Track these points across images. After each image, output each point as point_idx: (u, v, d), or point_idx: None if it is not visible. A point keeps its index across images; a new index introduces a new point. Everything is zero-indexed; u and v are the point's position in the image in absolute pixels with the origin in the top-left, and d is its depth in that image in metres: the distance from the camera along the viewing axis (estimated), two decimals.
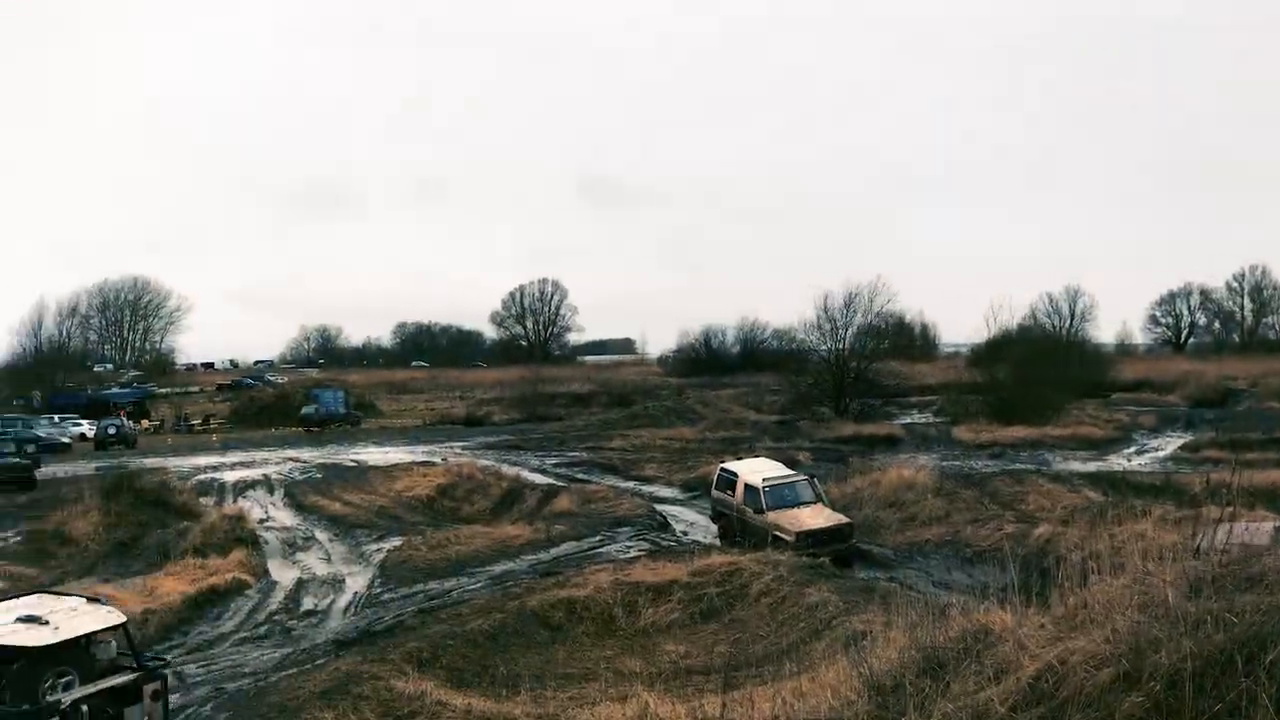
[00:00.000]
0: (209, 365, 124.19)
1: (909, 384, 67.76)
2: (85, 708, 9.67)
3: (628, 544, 22.90)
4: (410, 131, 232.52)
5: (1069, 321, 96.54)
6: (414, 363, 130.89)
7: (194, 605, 18.41)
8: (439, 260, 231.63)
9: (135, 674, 10.48)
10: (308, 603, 19.25)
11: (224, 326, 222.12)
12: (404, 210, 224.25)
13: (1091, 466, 35.51)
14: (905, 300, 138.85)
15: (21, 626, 9.86)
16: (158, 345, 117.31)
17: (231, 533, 23.81)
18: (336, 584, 20.68)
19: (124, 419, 57.71)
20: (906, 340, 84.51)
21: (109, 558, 23.56)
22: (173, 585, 19.41)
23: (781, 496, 21.76)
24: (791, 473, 23.63)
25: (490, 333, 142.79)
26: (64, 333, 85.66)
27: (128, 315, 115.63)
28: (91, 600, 11.22)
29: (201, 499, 30.36)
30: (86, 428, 56.68)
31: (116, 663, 10.65)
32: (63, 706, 9.58)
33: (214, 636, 17.09)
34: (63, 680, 9.95)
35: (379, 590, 19.92)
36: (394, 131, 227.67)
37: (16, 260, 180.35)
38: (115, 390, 77.77)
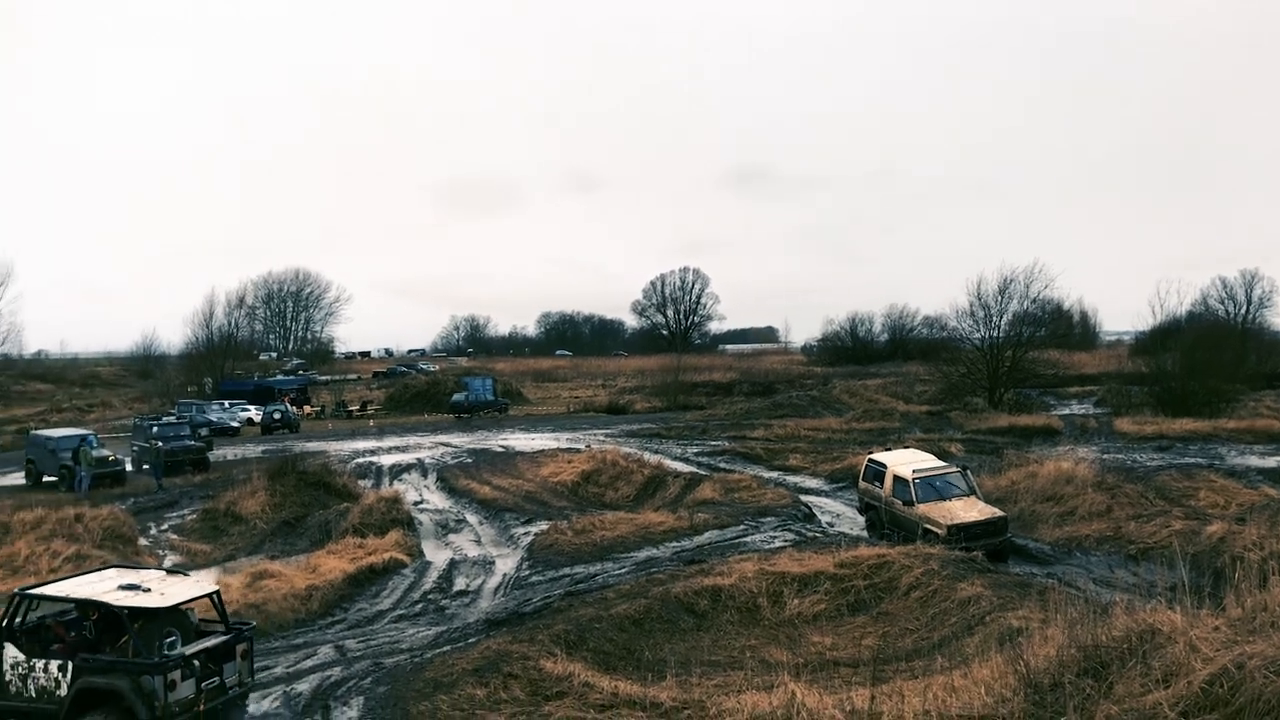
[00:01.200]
0: (365, 354, 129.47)
1: (1067, 373, 64.98)
2: (196, 662, 11.03)
3: (772, 534, 22.72)
4: (565, 126, 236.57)
5: (1245, 308, 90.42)
6: (558, 351, 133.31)
7: (354, 583, 19.18)
8: (583, 251, 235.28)
9: (227, 635, 11.69)
10: (460, 583, 19.81)
11: (379, 316, 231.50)
12: (553, 203, 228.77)
13: (1271, 462, 33.26)
14: (1064, 286, 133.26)
15: (129, 593, 11.20)
16: (318, 334, 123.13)
17: (388, 514, 24.71)
18: (486, 565, 21.22)
19: (288, 405, 60.73)
20: (1065, 328, 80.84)
21: (275, 535, 24.82)
22: (334, 563, 20.28)
23: (932, 488, 21.17)
24: (943, 464, 22.98)
25: (631, 322, 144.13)
26: (232, 323, 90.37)
27: (290, 306, 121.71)
28: (171, 572, 12.65)
29: (360, 481, 31.68)
30: (254, 413, 59.87)
31: (200, 627, 12.05)
32: (185, 658, 10.94)
33: (372, 613, 17.76)
34: (168, 640, 11.24)
35: (527, 572, 20.35)
36: (549, 126, 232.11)
37: (192, 255, 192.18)
38: (279, 378, 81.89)
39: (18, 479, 35.80)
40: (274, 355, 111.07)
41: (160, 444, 35.54)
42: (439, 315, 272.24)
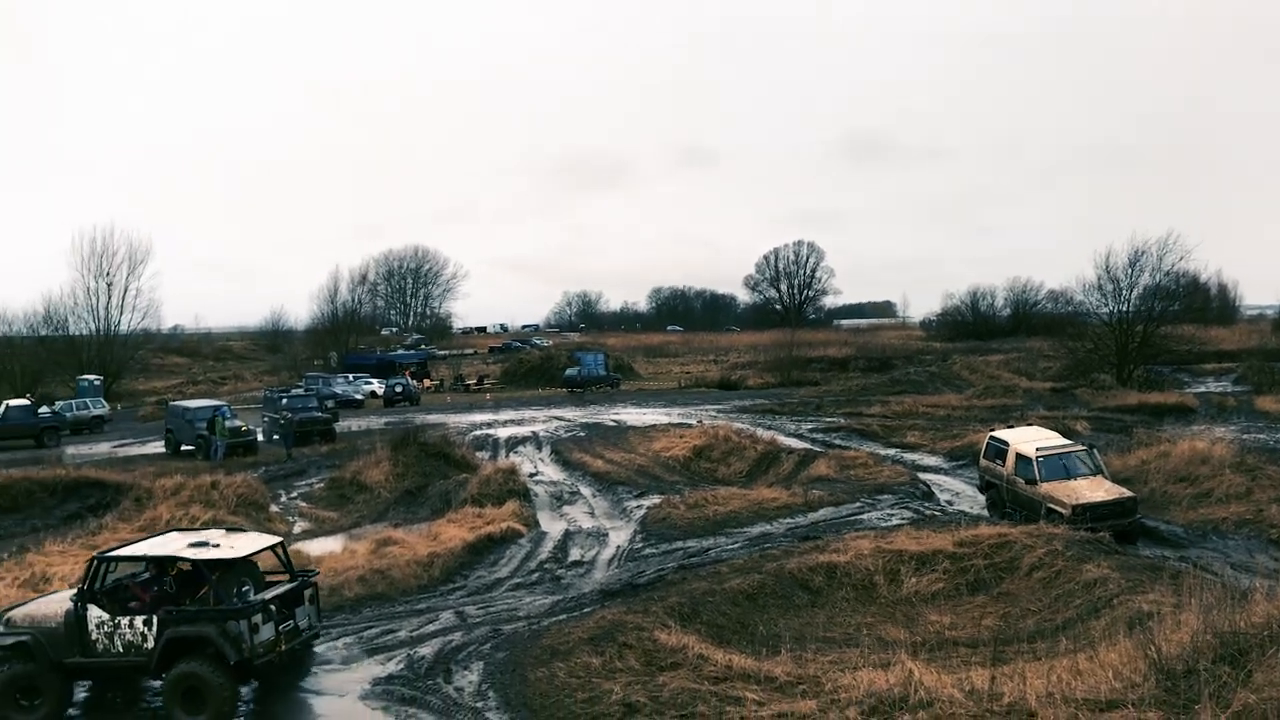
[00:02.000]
0: (481, 329, 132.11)
1: (1203, 349, 62.03)
2: (273, 606, 11.97)
3: (889, 511, 22.38)
4: (677, 98, 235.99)
5: None
6: (669, 326, 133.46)
7: (473, 551, 19.64)
8: (695, 225, 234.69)
9: (295, 583, 12.75)
10: (574, 553, 20.10)
11: (494, 292, 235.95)
12: (666, 177, 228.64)
13: None
14: (1201, 258, 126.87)
15: (201, 549, 12.25)
16: (437, 310, 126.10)
17: (505, 485, 25.20)
18: (600, 537, 21.47)
19: (408, 378, 62.45)
20: (1201, 301, 77.01)
21: (398, 504, 25.60)
22: (454, 532, 20.81)
23: (1057, 467, 20.49)
24: (1068, 442, 22.21)
25: (744, 296, 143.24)
26: (356, 299, 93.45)
27: (410, 282, 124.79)
28: (231, 530, 13.75)
29: (477, 453, 32.37)
30: (376, 386, 61.79)
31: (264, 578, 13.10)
32: (264, 602, 11.94)
33: (491, 581, 18.18)
34: (244, 589, 12.42)
35: (640, 545, 20.51)
36: (661, 99, 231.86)
37: (319, 234, 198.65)
38: (400, 352, 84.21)
39: (158, 447, 37.76)
40: (395, 330, 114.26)
41: (290, 415, 37.00)
42: (552, 291, 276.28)
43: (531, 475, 28.82)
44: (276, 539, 13.54)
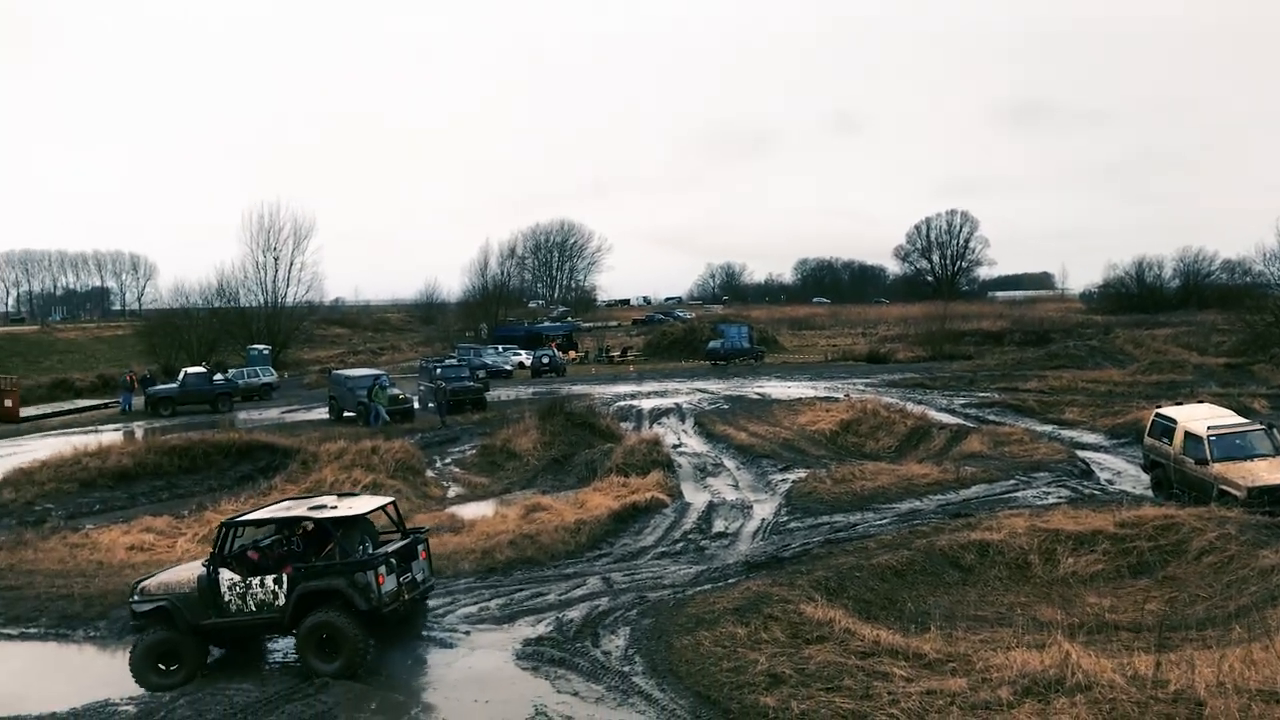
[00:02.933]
0: (625, 301, 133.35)
1: None
2: (393, 560, 12.71)
3: (1045, 490, 21.58)
4: (825, 65, 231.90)
5: None
6: (815, 299, 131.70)
7: (618, 519, 19.92)
8: (843, 195, 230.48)
9: (408, 539, 13.52)
10: (718, 525, 20.16)
11: (638, 265, 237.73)
12: (813, 146, 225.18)
13: None
14: None
15: (322, 510, 13.22)
16: (582, 283, 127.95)
17: (649, 455, 25.42)
18: (744, 509, 21.45)
19: (555, 350, 63.69)
20: None
21: (545, 472, 26.20)
22: (599, 500, 21.16)
23: (1231, 447, 19.29)
24: (1243, 421, 20.89)
25: (893, 268, 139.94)
26: (504, 272, 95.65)
27: (556, 256, 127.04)
28: (343, 495, 14.70)
29: (621, 424, 32.75)
30: (524, 357, 63.25)
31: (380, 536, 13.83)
32: (386, 555, 12.73)
33: (636, 549, 18.42)
34: (363, 545, 13.14)
35: (785, 519, 20.40)
36: (809, 67, 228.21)
37: (470, 208, 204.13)
38: (547, 324, 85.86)
39: (322, 414, 39.68)
40: (541, 303, 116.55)
41: (444, 384, 38.26)
42: (695, 263, 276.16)
43: (675, 447, 28.99)
44: (389, 499, 14.35)
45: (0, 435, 37.18)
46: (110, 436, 32.54)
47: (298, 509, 13.75)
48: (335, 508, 13.27)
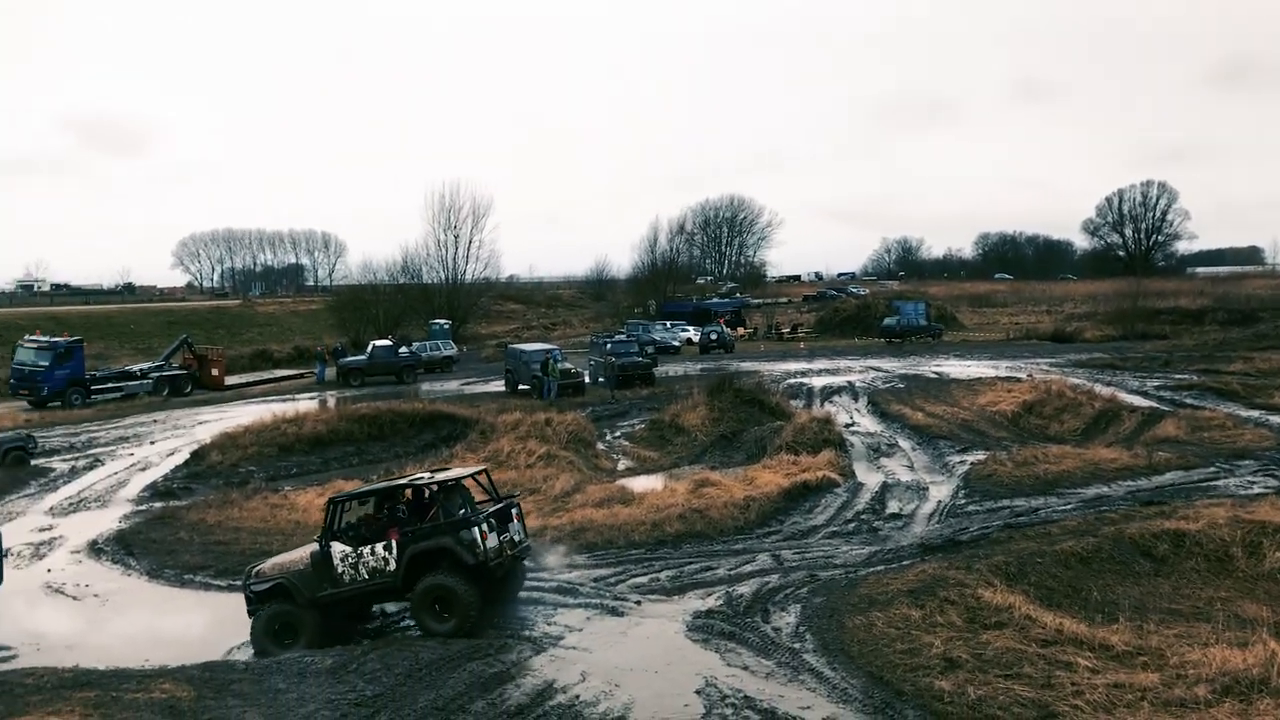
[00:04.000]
0: (795, 277, 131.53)
1: None
2: (492, 520, 13.46)
3: (1250, 479, 20.13)
4: (1011, 28, 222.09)
5: None
6: (996, 274, 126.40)
7: (788, 497, 19.78)
8: (1028, 166, 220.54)
9: (502, 503, 14.26)
10: (892, 506, 19.74)
11: (809, 239, 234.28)
12: (997, 115, 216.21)
13: None
14: None
15: (419, 480, 14.29)
16: (751, 258, 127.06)
17: (820, 434, 25.12)
18: (920, 491, 20.93)
19: (723, 326, 63.59)
20: None
21: (713, 448, 26.26)
22: (769, 477, 21.06)
23: None
24: None
25: (1082, 242, 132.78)
26: (674, 249, 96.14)
27: (725, 231, 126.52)
28: (437, 468, 15.53)
29: (791, 401, 32.48)
30: (692, 333, 63.44)
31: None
32: (486, 514, 13.54)
33: (806, 528, 18.26)
34: (462, 509, 13.80)
35: (962, 501, 19.80)
36: (993, 31, 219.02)
37: (640, 185, 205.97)
38: (715, 300, 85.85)
39: (498, 386, 40.98)
40: (710, 279, 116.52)
41: (613, 359, 38.89)
42: (869, 237, 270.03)
43: (847, 425, 28.55)
44: (481, 467, 15.43)
45: (208, 402, 40.12)
46: (306, 405, 34.62)
47: (397, 481, 14.76)
48: (431, 476, 14.32)
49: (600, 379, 39.49)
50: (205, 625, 13.81)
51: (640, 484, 22.14)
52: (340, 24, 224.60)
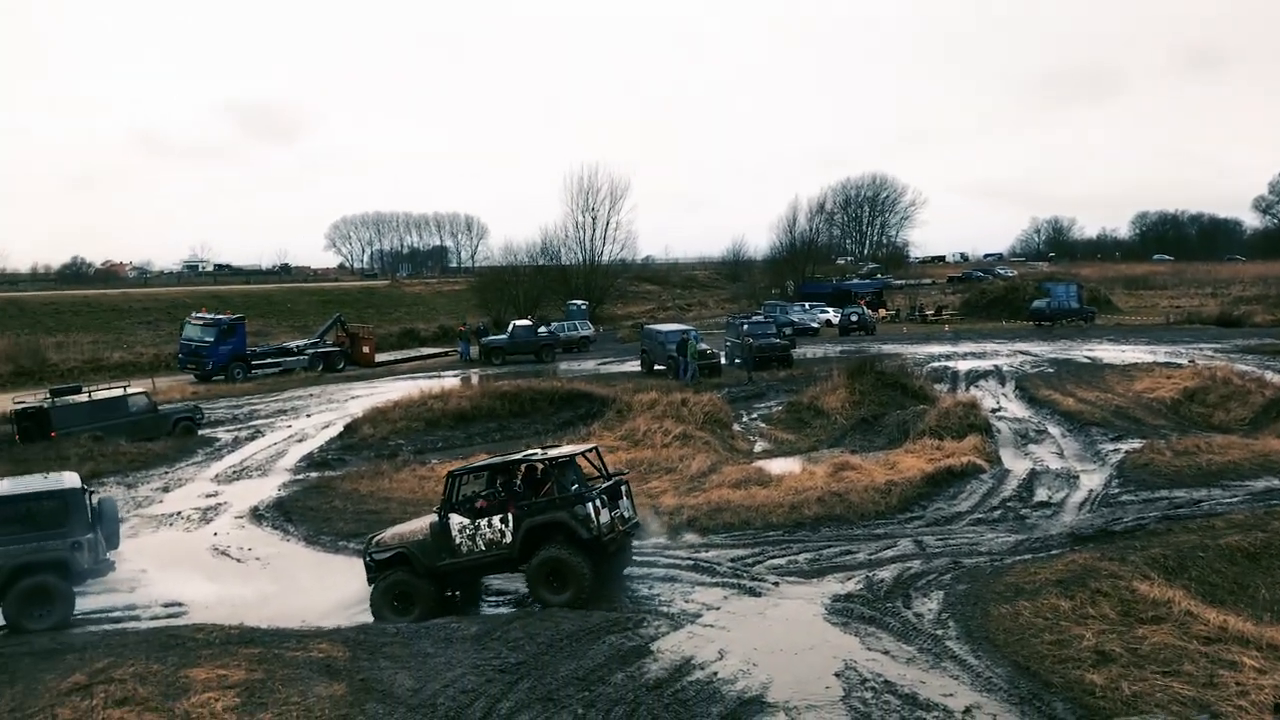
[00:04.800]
0: (939, 258, 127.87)
1: None
2: (604, 496, 13.88)
3: None
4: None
5: None
6: (1155, 256, 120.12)
7: (931, 482, 19.30)
8: (1193, 141, 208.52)
9: (612, 480, 14.67)
10: (1040, 494, 19.06)
11: (954, 219, 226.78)
12: (1159, 87, 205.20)
13: None
14: None
15: (533, 457, 14.78)
16: (893, 238, 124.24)
17: (964, 419, 24.40)
18: (1070, 479, 20.14)
19: (864, 308, 62.42)
20: None
21: (853, 431, 25.85)
22: (911, 462, 20.62)
23: None
24: None
25: (1252, 221, 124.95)
26: (813, 228, 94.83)
27: (867, 210, 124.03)
28: (548, 446, 15.96)
29: (935, 385, 31.65)
30: (831, 315, 62.50)
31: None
32: (599, 491, 14.00)
33: (950, 514, 17.82)
34: (574, 485, 14.18)
35: (1116, 490, 18.97)
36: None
37: (778, 164, 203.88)
38: (855, 281, 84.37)
39: (634, 366, 41.32)
40: (850, 259, 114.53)
41: (750, 341, 38.68)
42: (1017, 217, 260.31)
43: (993, 411, 27.65)
44: (591, 445, 15.79)
45: (359, 377, 41.81)
46: (450, 382, 35.71)
47: (516, 455, 15.32)
48: (545, 453, 14.79)
49: (736, 360, 39.35)
50: (358, 590, 14.44)
51: (778, 466, 22.01)
52: (486, 12, 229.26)
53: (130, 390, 28.39)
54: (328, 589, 15.15)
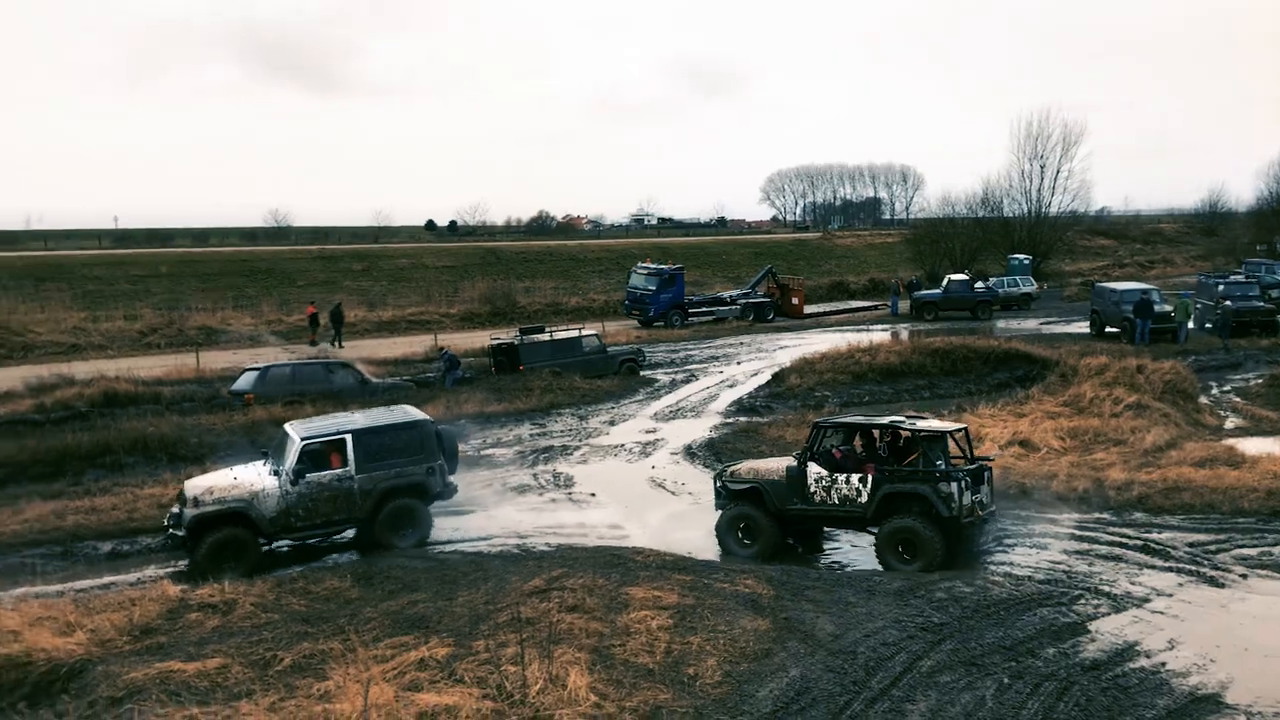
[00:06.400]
0: None
1: None
2: (968, 479, 13.37)
3: None
4: None
5: None
6: None
7: None
8: None
9: (977, 464, 13.93)
10: None
11: None
12: None
13: None
14: None
15: (904, 424, 14.11)
16: None
17: None
18: None
19: None
20: None
21: None
22: None
23: None
24: None
25: None
26: None
27: None
28: (912, 416, 14.79)
29: None
30: None
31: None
32: (966, 472, 13.45)
33: None
34: (939, 461, 13.56)
35: None
36: None
37: (1265, 105, 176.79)
38: None
39: (1081, 327, 38.22)
40: None
41: (1227, 303, 34.19)
42: None
43: None
44: (962, 425, 14.72)
45: (787, 328, 42.58)
46: (879, 336, 35.29)
47: (884, 419, 14.73)
48: (915, 423, 14.13)
49: (1208, 325, 35.04)
50: None
51: (1254, 446, 19.32)
52: None
53: (584, 332, 31.12)
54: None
